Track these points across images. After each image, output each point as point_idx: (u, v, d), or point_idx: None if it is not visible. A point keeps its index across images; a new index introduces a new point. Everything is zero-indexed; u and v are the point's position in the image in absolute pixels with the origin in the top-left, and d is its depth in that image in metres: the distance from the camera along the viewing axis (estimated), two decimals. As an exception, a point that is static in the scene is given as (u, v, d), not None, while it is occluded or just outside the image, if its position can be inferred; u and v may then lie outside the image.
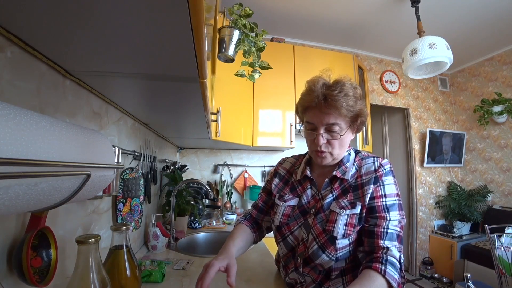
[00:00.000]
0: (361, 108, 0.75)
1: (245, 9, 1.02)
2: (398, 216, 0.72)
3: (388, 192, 0.73)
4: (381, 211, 0.71)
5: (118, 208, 0.99)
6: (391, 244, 0.68)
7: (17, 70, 0.47)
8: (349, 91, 0.73)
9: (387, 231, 0.69)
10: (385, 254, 0.67)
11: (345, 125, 0.75)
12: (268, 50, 1.30)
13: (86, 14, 0.37)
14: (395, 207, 0.72)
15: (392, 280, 0.62)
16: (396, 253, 0.67)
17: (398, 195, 0.74)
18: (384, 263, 0.65)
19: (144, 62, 0.55)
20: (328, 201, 0.77)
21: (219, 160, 2.64)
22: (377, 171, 0.75)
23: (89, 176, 0.44)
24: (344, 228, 0.72)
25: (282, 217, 0.83)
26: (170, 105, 0.90)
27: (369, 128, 2.68)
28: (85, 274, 0.50)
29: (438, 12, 2.35)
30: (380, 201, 0.72)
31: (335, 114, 0.73)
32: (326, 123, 0.74)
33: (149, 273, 0.92)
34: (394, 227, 0.70)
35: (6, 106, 0.31)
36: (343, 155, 0.80)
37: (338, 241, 0.71)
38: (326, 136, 0.75)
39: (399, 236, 0.70)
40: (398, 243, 0.69)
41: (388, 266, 0.64)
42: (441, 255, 2.98)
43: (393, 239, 0.69)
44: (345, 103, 0.71)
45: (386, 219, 0.70)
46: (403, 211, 0.74)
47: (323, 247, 0.73)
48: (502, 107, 2.90)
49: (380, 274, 0.63)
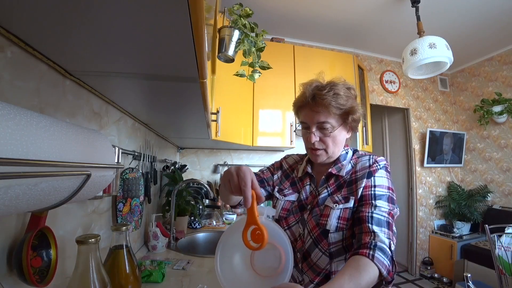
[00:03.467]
0: (352, 106, 0.76)
1: (245, 9, 1.02)
2: (387, 206, 0.70)
3: (378, 183, 0.73)
4: (368, 199, 0.70)
5: (118, 208, 0.99)
6: (379, 230, 0.64)
7: (17, 70, 0.47)
8: (340, 91, 0.75)
9: (372, 215, 0.67)
10: (373, 240, 0.62)
11: (336, 123, 0.77)
12: (268, 50, 1.30)
13: (86, 14, 0.37)
14: (384, 198, 0.71)
15: (382, 266, 0.56)
16: (385, 239, 0.63)
17: (390, 189, 0.73)
18: (373, 248, 0.60)
19: (144, 62, 0.55)
20: (323, 196, 0.78)
21: (219, 160, 2.64)
22: (371, 166, 0.75)
23: (89, 176, 0.44)
24: (337, 222, 0.72)
25: (282, 211, 0.86)
26: (170, 105, 0.90)
27: (369, 128, 2.68)
28: (85, 274, 0.50)
29: (438, 12, 2.35)
30: (368, 190, 0.72)
31: (324, 113, 0.75)
32: (317, 121, 0.76)
33: (149, 273, 0.92)
34: (382, 212, 0.67)
35: (6, 106, 0.31)
36: (339, 153, 0.82)
37: (331, 235, 0.72)
38: (318, 134, 0.78)
39: (389, 224, 0.67)
40: (388, 230, 0.65)
41: (377, 251, 0.59)
42: (441, 255, 2.98)
43: (381, 225, 0.65)
44: (334, 101, 0.73)
45: (372, 205, 0.69)
46: (394, 204, 0.72)
47: (316, 241, 0.74)
48: (502, 107, 2.90)
49: (368, 258, 0.57)
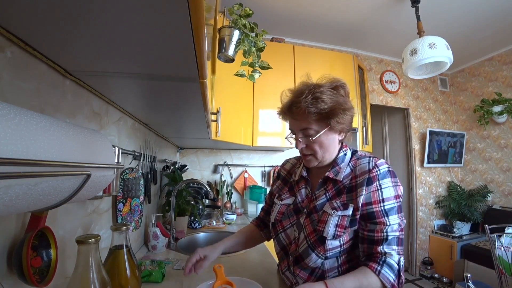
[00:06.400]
0: (334, 108, 0.71)
1: (245, 9, 1.02)
2: (398, 219, 0.70)
3: (386, 196, 0.71)
4: (380, 216, 0.70)
5: (118, 208, 0.99)
6: (390, 249, 0.68)
7: (17, 70, 0.47)
8: (322, 94, 0.71)
9: (386, 237, 0.69)
10: (384, 256, 0.68)
11: (319, 127, 0.74)
12: (268, 50, 1.30)
13: (86, 14, 0.37)
14: (394, 211, 0.71)
15: (386, 282, 0.64)
16: (395, 257, 0.68)
17: (397, 197, 0.72)
18: (381, 264, 0.66)
19: (144, 62, 0.55)
20: (322, 201, 0.77)
21: (219, 160, 2.64)
22: (371, 171, 0.72)
23: (89, 176, 0.44)
24: (335, 229, 0.71)
25: (277, 214, 0.86)
26: (170, 105, 0.90)
27: (369, 128, 2.68)
28: (85, 274, 0.50)
29: (438, 12, 2.35)
30: (378, 206, 0.70)
31: (303, 120, 0.74)
32: (300, 128, 0.75)
33: (149, 273, 0.92)
34: (394, 232, 0.69)
35: (6, 106, 0.31)
36: (331, 157, 0.78)
37: (328, 241, 0.71)
38: (304, 140, 0.76)
39: (399, 239, 0.70)
40: (398, 246, 0.69)
41: (385, 267, 0.66)
42: (441, 255, 2.98)
43: (392, 244, 0.69)
44: (312, 107, 0.70)
45: (386, 224, 0.69)
46: (402, 212, 0.72)
47: (313, 246, 0.73)
48: (502, 107, 2.90)
49: (375, 274, 0.65)
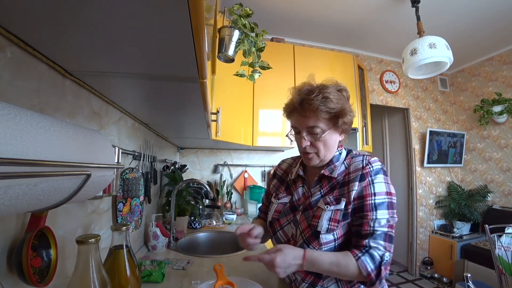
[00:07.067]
0: (343, 109, 0.75)
1: (245, 9, 1.02)
2: (387, 215, 0.71)
3: (378, 190, 0.72)
4: (369, 210, 0.71)
5: (118, 208, 0.99)
6: (376, 243, 0.69)
7: (17, 70, 0.47)
8: (330, 94, 0.73)
9: (373, 231, 0.69)
10: (367, 247, 0.69)
11: (326, 126, 0.76)
12: (268, 50, 1.30)
13: (86, 14, 0.37)
14: (384, 206, 0.71)
15: (362, 268, 0.66)
16: (380, 251, 0.68)
17: (389, 194, 0.73)
18: (364, 252, 0.68)
19: (144, 62, 0.55)
20: (316, 198, 0.79)
21: (219, 160, 2.64)
22: (364, 168, 0.74)
23: (89, 176, 0.44)
24: (328, 223, 0.72)
25: (274, 213, 0.87)
26: (170, 105, 0.90)
27: (369, 128, 2.68)
28: (85, 274, 0.50)
29: (438, 12, 2.35)
30: (369, 199, 0.71)
31: (313, 117, 0.75)
32: (306, 126, 0.76)
33: (149, 273, 0.92)
34: (382, 227, 0.70)
35: (6, 106, 0.31)
36: (331, 156, 0.81)
37: (322, 235, 0.72)
38: (309, 138, 0.77)
39: (386, 235, 0.70)
40: (385, 242, 0.69)
41: (366, 255, 0.67)
42: (441, 255, 2.98)
43: (378, 239, 0.69)
44: (323, 106, 0.72)
45: (372, 218, 0.70)
46: (394, 209, 0.72)
47: (308, 241, 0.74)
48: (502, 107, 2.90)
49: (354, 258, 0.67)
